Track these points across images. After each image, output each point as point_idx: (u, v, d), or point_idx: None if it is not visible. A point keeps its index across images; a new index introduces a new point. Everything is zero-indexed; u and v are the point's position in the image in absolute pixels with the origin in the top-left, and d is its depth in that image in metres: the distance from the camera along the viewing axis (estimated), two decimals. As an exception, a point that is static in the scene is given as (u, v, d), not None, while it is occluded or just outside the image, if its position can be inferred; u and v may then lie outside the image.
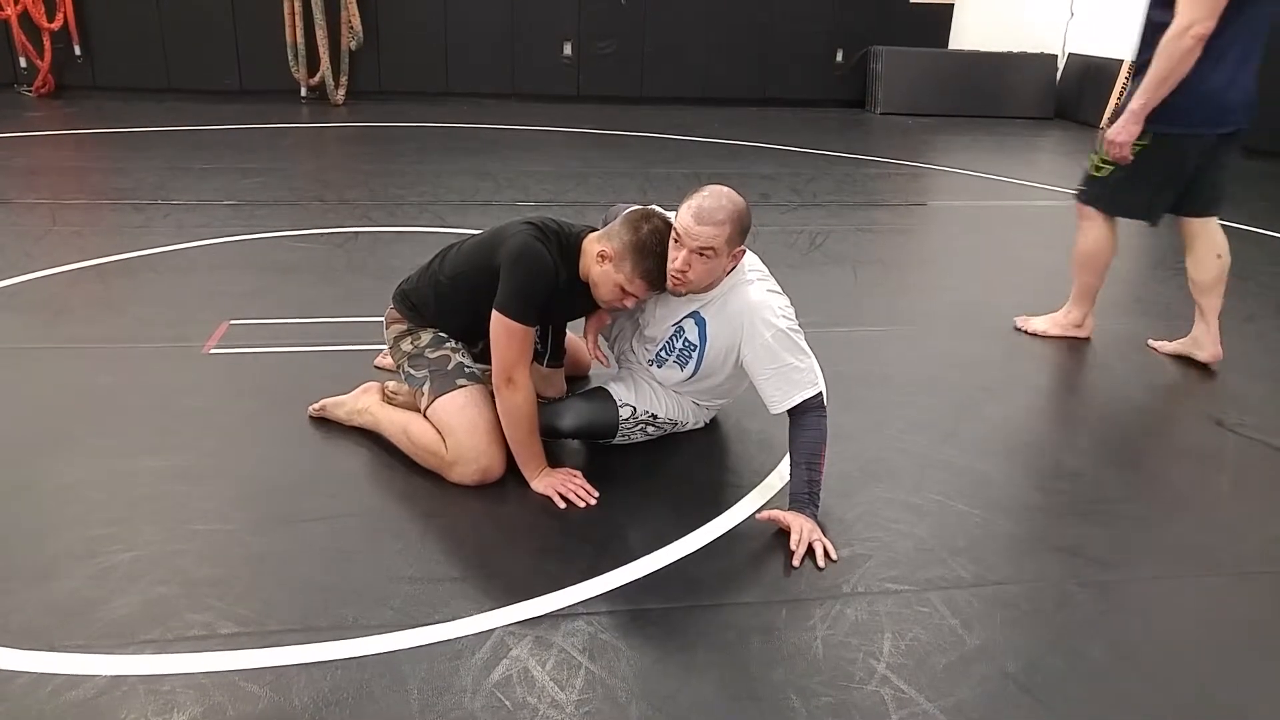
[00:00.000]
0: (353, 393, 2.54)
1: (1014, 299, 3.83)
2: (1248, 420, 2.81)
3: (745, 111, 8.93)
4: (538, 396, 2.43)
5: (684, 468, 2.45)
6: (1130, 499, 2.38)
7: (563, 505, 2.20)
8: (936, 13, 9.62)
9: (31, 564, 1.93)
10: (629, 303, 2.27)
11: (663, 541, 2.08)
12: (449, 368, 2.34)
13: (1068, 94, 9.18)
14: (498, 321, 2.19)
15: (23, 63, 7.98)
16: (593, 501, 2.22)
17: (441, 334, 2.41)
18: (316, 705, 1.58)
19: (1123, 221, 3.27)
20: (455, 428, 2.25)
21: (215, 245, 4.10)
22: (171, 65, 8.34)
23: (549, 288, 2.21)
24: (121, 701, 1.57)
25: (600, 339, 2.52)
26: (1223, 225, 3.16)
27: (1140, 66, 2.90)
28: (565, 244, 2.27)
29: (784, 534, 2.08)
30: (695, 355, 2.30)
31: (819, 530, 2.08)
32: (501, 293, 2.19)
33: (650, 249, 2.16)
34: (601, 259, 2.21)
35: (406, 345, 2.43)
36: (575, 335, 2.72)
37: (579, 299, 2.33)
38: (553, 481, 2.25)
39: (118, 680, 1.61)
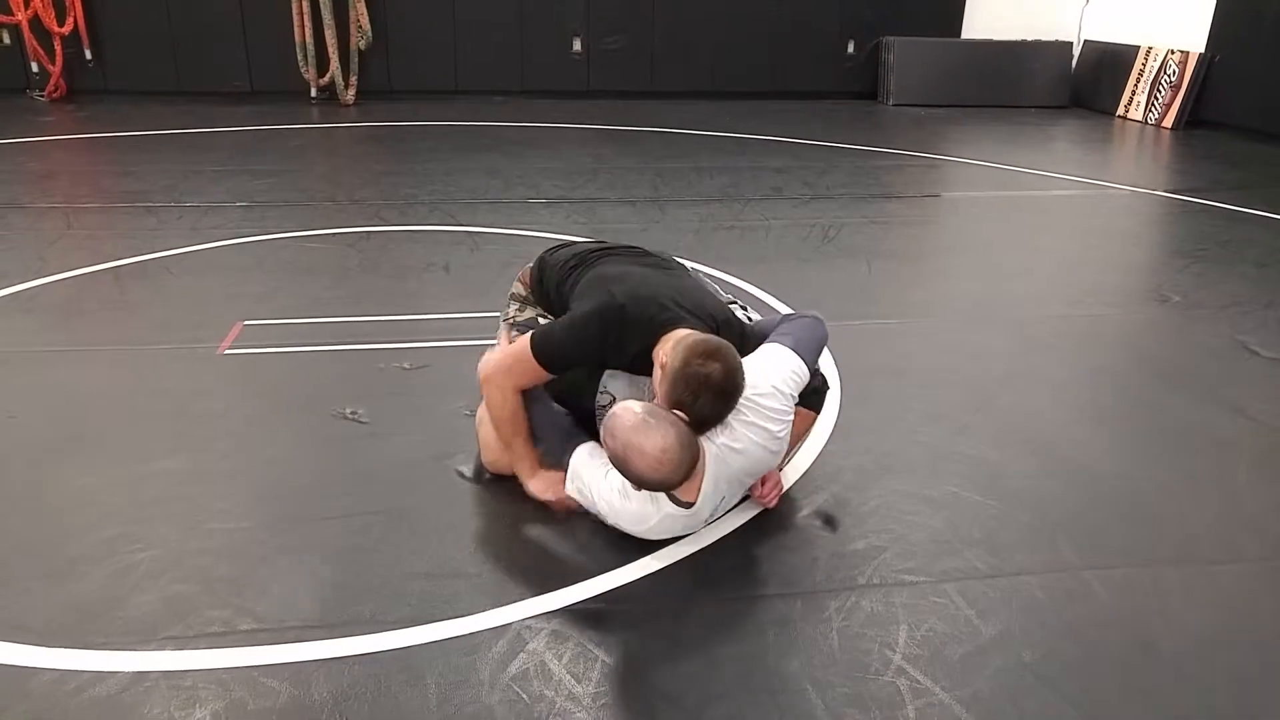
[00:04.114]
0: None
1: (1029, 290, 3.81)
2: (1269, 408, 2.78)
3: (756, 104, 8.91)
4: None
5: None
6: (1148, 488, 2.36)
7: (562, 513, 2.13)
8: (949, 2, 9.56)
9: (52, 564, 1.95)
10: None
11: (677, 536, 2.08)
12: None
13: (1083, 82, 9.12)
14: (522, 340, 2.15)
15: (35, 67, 8.06)
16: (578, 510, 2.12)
17: (542, 318, 2.44)
18: (336, 700, 1.59)
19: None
20: (482, 419, 2.28)
21: (228, 247, 4.12)
22: (182, 68, 8.40)
23: (589, 357, 2.15)
24: (144, 697, 1.59)
25: None
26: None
27: None
28: (649, 328, 2.10)
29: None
30: None
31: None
32: (548, 324, 2.20)
33: (690, 387, 1.92)
34: (659, 364, 2.04)
35: (512, 309, 2.52)
36: None
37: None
38: (546, 487, 2.17)
39: (140, 676, 1.63)
